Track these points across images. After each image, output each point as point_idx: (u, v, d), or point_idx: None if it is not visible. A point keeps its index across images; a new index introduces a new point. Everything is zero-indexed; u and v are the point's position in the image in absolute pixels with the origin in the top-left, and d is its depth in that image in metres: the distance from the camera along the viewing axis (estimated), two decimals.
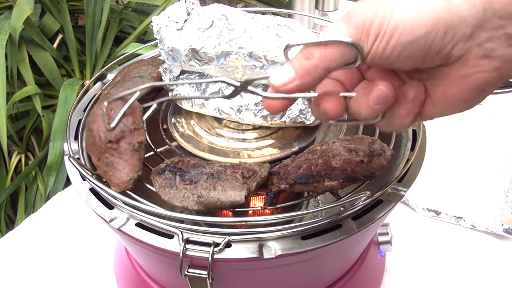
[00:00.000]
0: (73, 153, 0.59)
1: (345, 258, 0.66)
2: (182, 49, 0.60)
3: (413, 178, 0.56)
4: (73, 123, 0.65)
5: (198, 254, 0.47)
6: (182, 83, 0.63)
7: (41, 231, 0.93)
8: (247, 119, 0.62)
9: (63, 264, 0.86)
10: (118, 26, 1.73)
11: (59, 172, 1.41)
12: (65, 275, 0.84)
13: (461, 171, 1.01)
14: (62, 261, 0.87)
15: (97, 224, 0.88)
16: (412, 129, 0.63)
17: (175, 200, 0.49)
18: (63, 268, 0.85)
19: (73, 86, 1.48)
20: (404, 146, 0.61)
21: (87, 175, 0.54)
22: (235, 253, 0.47)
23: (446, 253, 0.85)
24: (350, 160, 0.51)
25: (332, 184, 0.49)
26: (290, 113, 0.61)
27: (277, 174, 0.52)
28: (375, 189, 0.52)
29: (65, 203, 0.99)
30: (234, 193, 0.48)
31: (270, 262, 0.48)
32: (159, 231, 0.49)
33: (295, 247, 0.48)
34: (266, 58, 0.58)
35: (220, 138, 0.64)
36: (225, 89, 0.62)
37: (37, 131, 1.63)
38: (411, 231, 0.89)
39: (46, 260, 0.87)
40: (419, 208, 0.93)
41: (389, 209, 0.52)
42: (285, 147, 0.62)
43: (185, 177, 0.50)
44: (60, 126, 1.41)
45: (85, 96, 0.71)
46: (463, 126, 1.13)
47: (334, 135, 0.84)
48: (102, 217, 0.52)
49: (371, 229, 0.53)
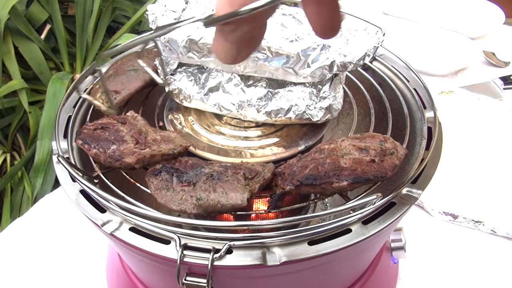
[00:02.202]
0: (62, 153, 0.59)
1: (355, 265, 0.66)
2: (179, 40, 0.60)
3: (428, 179, 0.56)
4: (62, 120, 0.65)
5: (196, 261, 0.47)
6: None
7: (27, 236, 0.93)
8: (249, 116, 0.62)
9: (51, 272, 0.86)
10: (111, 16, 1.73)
11: (47, 172, 1.41)
12: (54, 284, 0.84)
13: (480, 171, 1.01)
14: (50, 268, 0.87)
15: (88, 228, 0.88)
16: (428, 126, 0.63)
17: (172, 203, 0.49)
18: (51, 277, 0.85)
19: (62, 80, 1.49)
20: (419, 144, 0.61)
21: (77, 176, 0.54)
22: (236, 260, 0.47)
23: (464, 260, 0.85)
24: (360, 159, 0.51)
25: (341, 186, 0.49)
26: (296, 109, 0.61)
27: (281, 175, 0.52)
28: (387, 191, 0.52)
29: (53, 206, 0.99)
30: (235, 195, 0.48)
31: (274, 269, 0.48)
32: (155, 236, 0.49)
33: (301, 253, 0.48)
34: (270, 50, 0.58)
35: (220, 136, 0.64)
36: (226, 83, 0.63)
37: (24, 128, 1.63)
38: (426, 236, 0.89)
39: (33, 267, 0.87)
40: (435, 211, 0.93)
41: (402, 213, 0.52)
42: (290, 145, 0.62)
43: (183, 178, 0.51)
44: (48, 123, 1.41)
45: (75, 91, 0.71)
46: (482, 123, 1.13)
47: (343, 133, 0.84)
48: (94, 221, 0.52)
49: (383, 234, 0.53)
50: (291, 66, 0.58)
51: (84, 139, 0.55)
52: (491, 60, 1.43)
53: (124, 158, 0.53)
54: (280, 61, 0.58)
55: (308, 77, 0.59)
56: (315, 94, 0.62)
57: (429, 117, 0.64)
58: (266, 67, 0.59)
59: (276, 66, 0.59)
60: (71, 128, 0.64)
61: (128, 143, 0.56)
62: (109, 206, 0.52)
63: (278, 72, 0.60)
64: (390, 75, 0.74)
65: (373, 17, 0.69)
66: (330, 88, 0.62)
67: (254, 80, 0.63)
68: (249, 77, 0.63)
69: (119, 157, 0.53)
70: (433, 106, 0.65)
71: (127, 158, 0.53)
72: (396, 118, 0.67)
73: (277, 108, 0.61)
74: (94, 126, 0.57)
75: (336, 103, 0.63)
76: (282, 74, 0.60)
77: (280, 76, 0.61)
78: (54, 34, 1.63)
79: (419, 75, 0.71)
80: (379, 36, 0.63)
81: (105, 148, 0.54)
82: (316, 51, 0.58)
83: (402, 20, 1.58)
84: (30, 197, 1.40)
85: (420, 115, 0.65)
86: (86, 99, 0.66)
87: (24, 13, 1.59)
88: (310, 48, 0.58)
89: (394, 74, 0.74)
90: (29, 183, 1.42)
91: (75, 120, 0.66)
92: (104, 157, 0.53)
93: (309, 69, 0.59)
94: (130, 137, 0.57)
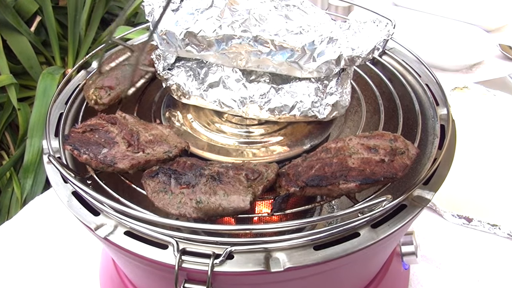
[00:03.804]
0: (53, 152, 0.59)
1: (363, 271, 0.66)
2: (177, 32, 0.60)
3: (441, 180, 0.56)
4: (53, 117, 0.65)
5: (195, 267, 0.47)
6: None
7: (16, 241, 0.93)
8: (251, 113, 0.62)
9: (41, 279, 0.86)
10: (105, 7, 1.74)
11: (37, 173, 1.42)
12: None
13: (496, 172, 1.00)
14: (41, 276, 0.87)
15: (81, 232, 0.88)
16: (440, 124, 0.63)
17: (171, 207, 0.49)
18: (42, 283, 0.86)
19: (53, 75, 1.49)
20: (431, 143, 0.61)
21: (69, 177, 0.54)
22: (238, 265, 0.47)
23: (479, 266, 0.85)
24: (369, 159, 0.51)
25: (348, 187, 0.49)
26: (301, 105, 0.61)
27: (286, 176, 0.52)
28: (398, 192, 0.52)
29: (44, 209, 0.99)
30: (237, 198, 0.48)
31: (278, 275, 0.48)
32: (152, 240, 0.50)
33: (306, 259, 0.48)
34: (273, 43, 0.58)
35: (221, 135, 0.64)
36: (227, 79, 0.63)
37: (12, 126, 1.63)
38: (439, 241, 0.89)
39: (22, 274, 0.87)
40: (448, 214, 0.93)
41: (413, 216, 0.52)
42: (295, 144, 0.62)
43: (182, 180, 0.51)
44: (39, 121, 1.42)
45: (67, 87, 0.71)
46: (498, 121, 1.13)
47: (351, 131, 0.84)
48: (87, 225, 0.52)
49: (393, 238, 0.53)
50: (295, 60, 0.58)
51: (73, 144, 0.55)
52: (508, 54, 1.42)
53: (117, 163, 0.53)
54: (284, 54, 0.58)
55: (313, 72, 0.59)
56: (321, 90, 0.62)
57: (442, 114, 0.64)
58: (269, 61, 0.59)
59: (280, 60, 0.59)
60: (63, 126, 0.64)
61: (120, 146, 0.56)
62: (103, 208, 0.52)
63: (282, 67, 0.60)
64: (401, 69, 0.74)
65: (382, 8, 0.69)
66: (337, 83, 0.62)
67: (256, 75, 0.63)
68: (252, 72, 0.63)
69: (111, 162, 0.53)
70: (446, 103, 0.65)
71: (120, 163, 0.53)
72: (407, 115, 0.67)
73: (281, 104, 0.61)
74: (83, 129, 0.58)
75: (343, 100, 0.63)
76: (286, 68, 0.60)
77: (284, 71, 0.61)
78: (45, 26, 1.63)
79: (431, 70, 0.71)
80: (389, 28, 0.62)
81: (95, 152, 0.54)
82: (323, 44, 0.58)
83: (414, 12, 1.58)
84: (19, 199, 1.40)
85: (433, 112, 0.65)
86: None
87: (13, 4, 1.60)
88: (316, 41, 0.58)
89: (404, 68, 0.74)
90: (18, 184, 1.42)
91: (67, 117, 0.66)
92: (96, 163, 0.53)
93: (314, 63, 0.59)
94: (122, 139, 0.57)
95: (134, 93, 0.69)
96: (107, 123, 0.59)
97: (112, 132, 0.58)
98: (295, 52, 0.58)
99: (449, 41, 1.43)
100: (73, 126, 0.62)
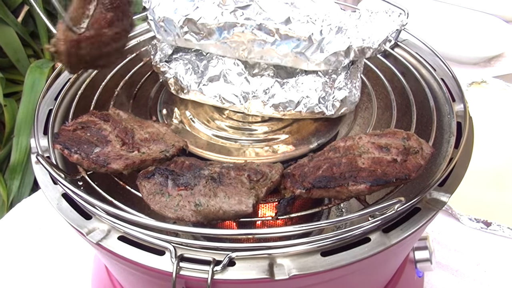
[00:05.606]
0: (42, 151, 0.59)
1: (374, 279, 0.66)
2: (176, 19, 0.60)
3: (458, 181, 0.56)
4: (42, 114, 0.65)
5: (194, 274, 0.47)
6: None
7: (2, 245, 0.93)
8: (254, 109, 0.62)
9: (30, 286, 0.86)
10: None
11: (24, 174, 1.42)
12: None
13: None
14: (29, 283, 0.87)
15: (72, 237, 0.88)
16: (457, 121, 0.63)
17: (168, 210, 0.49)
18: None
19: (41, 69, 1.49)
20: (447, 142, 0.61)
21: (59, 178, 0.54)
22: (239, 273, 0.47)
23: (498, 273, 0.85)
24: (380, 159, 0.51)
25: (358, 189, 0.49)
26: (308, 101, 0.61)
27: (291, 177, 0.52)
28: (411, 194, 0.52)
29: (32, 212, 0.99)
30: (239, 200, 0.48)
31: (282, 284, 0.48)
32: (147, 246, 0.50)
33: (313, 266, 0.48)
34: (278, 32, 0.58)
35: (221, 133, 0.64)
36: (228, 72, 0.63)
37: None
38: (456, 246, 0.89)
39: (9, 280, 0.87)
40: (465, 218, 0.92)
41: (428, 219, 0.52)
42: (301, 143, 0.62)
43: (180, 182, 0.51)
44: (26, 118, 1.42)
45: (57, 81, 0.71)
46: None
47: (361, 129, 0.84)
48: (78, 229, 0.52)
49: (406, 243, 0.53)
50: (302, 51, 0.58)
51: (63, 143, 0.55)
52: None
53: (111, 163, 0.53)
54: (289, 44, 0.58)
55: (321, 64, 0.59)
56: (329, 85, 0.61)
57: (458, 110, 0.64)
58: (273, 52, 0.59)
59: (285, 51, 0.59)
60: (52, 124, 0.64)
61: (113, 145, 0.56)
62: (95, 212, 0.52)
63: (287, 58, 0.60)
64: (414, 63, 0.74)
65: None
66: (346, 77, 0.62)
67: (260, 69, 0.63)
68: (255, 65, 0.63)
69: (104, 163, 0.53)
70: (463, 99, 0.65)
71: (113, 163, 0.53)
72: (421, 112, 0.67)
73: (286, 100, 0.61)
74: (74, 126, 0.58)
75: (352, 95, 0.63)
76: (291, 60, 0.60)
77: (290, 63, 0.60)
78: (33, 16, 1.63)
79: (447, 63, 0.71)
80: (402, 18, 0.62)
81: (87, 152, 0.54)
82: (331, 34, 0.58)
83: (428, 1, 1.58)
84: (5, 201, 1.40)
85: (449, 108, 0.65)
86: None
87: None
88: (324, 30, 0.58)
89: (418, 62, 0.74)
90: (4, 185, 1.42)
91: (57, 114, 0.66)
92: (88, 163, 0.53)
93: (322, 54, 0.59)
94: (115, 137, 0.57)
95: (128, 88, 0.69)
96: (100, 120, 0.59)
97: (105, 130, 0.58)
98: (302, 41, 0.58)
99: (466, 32, 1.43)
100: (64, 123, 0.62)
